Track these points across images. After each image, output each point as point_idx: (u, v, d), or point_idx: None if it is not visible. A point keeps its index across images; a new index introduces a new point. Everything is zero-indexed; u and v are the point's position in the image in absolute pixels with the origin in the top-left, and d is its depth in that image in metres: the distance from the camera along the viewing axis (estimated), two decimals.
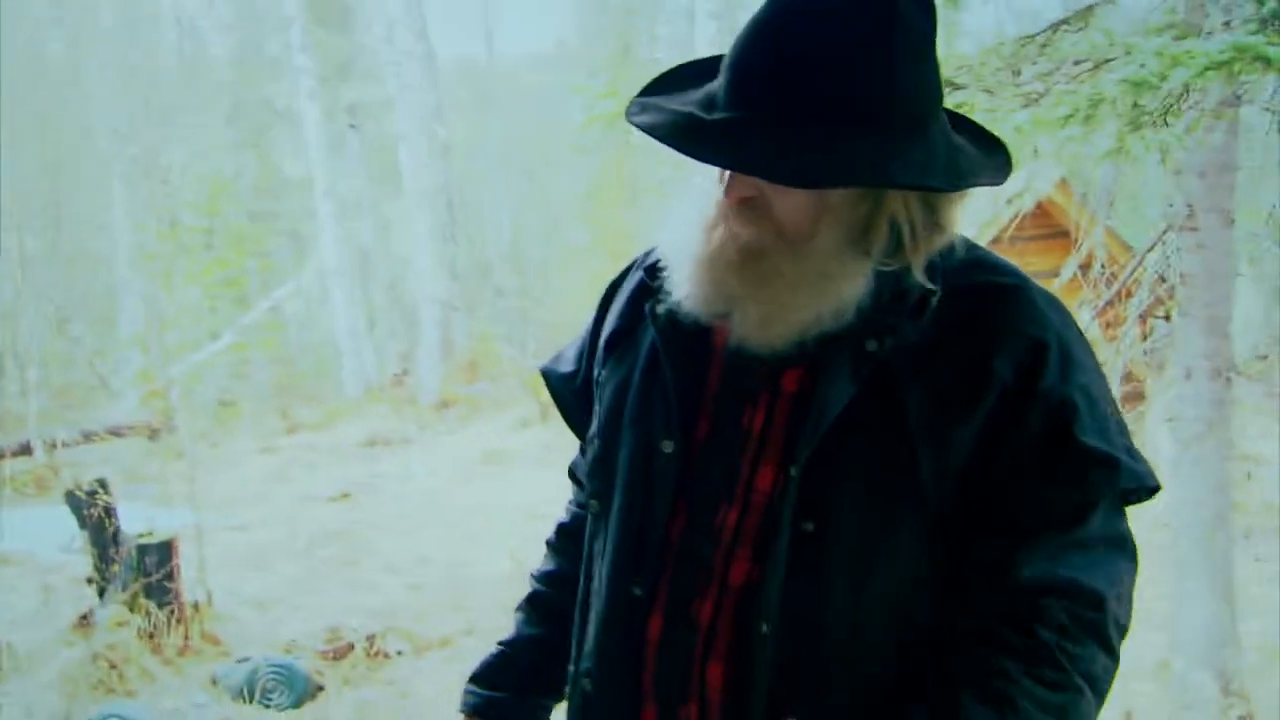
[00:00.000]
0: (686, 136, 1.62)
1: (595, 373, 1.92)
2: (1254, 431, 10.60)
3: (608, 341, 1.89)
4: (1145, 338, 7.90)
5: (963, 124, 1.74)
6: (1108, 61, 5.25)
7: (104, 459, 11.84)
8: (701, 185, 1.71)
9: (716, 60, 1.67)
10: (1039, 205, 10.43)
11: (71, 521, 8.54)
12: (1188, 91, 5.11)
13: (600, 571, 1.83)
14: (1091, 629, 1.65)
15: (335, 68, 18.00)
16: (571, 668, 1.90)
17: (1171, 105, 5.10)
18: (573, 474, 2.09)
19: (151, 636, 7.59)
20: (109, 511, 8.25)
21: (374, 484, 12.90)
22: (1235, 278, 6.16)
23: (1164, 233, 6.54)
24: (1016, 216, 9.09)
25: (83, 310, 18.97)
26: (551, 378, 2.04)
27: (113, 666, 7.30)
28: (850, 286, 1.63)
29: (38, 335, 17.18)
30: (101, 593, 8.02)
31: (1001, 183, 1.71)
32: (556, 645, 1.97)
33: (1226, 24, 5.29)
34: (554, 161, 20.73)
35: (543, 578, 2.10)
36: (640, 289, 1.86)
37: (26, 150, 18.15)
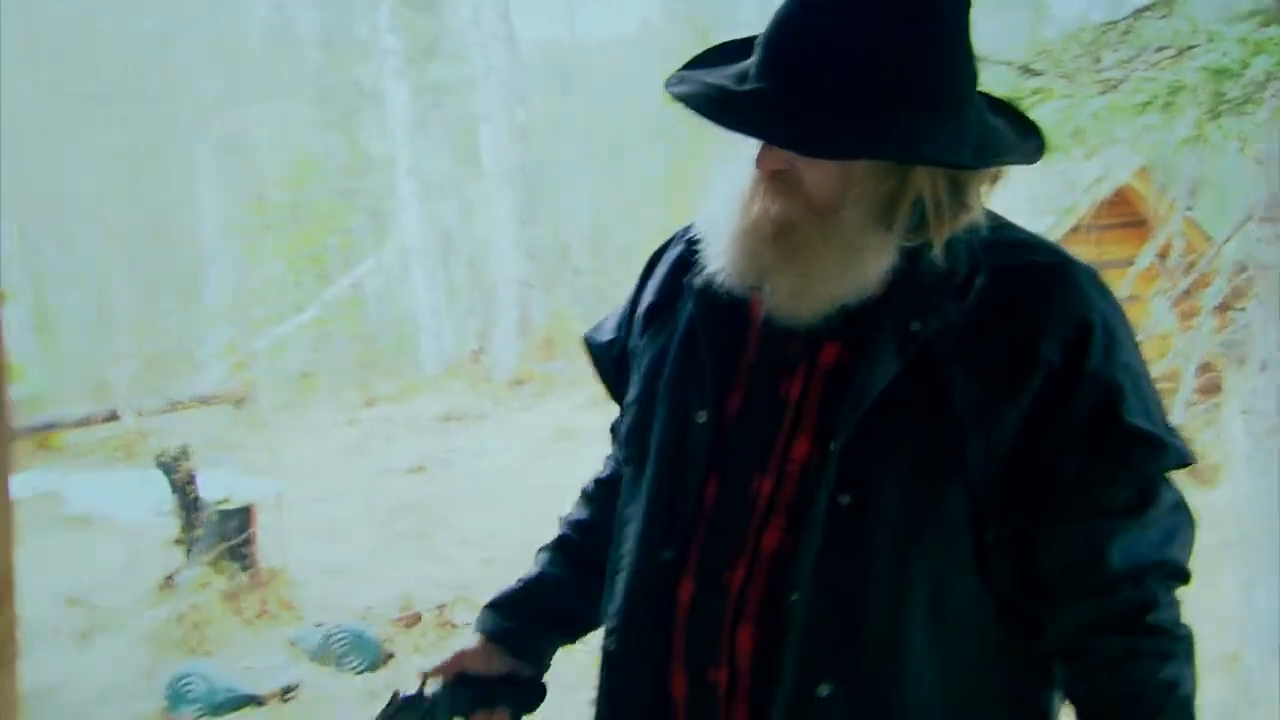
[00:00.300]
0: (717, 106, 1.64)
1: (632, 342, 1.94)
2: None
3: (647, 312, 1.91)
4: (1223, 329, 7.80)
5: (1001, 108, 1.75)
6: (1190, 48, 5.19)
7: (189, 427, 12.04)
8: (740, 163, 1.72)
9: (755, 39, 1.69)
10: (1118, 193, 10.28)
11: (159, 486, 8.72)
12: (1270, 79, 5.01)
13: (631, 535, 1.85)
14: (1176, 589, 1.70)
15: (422, 49, 18.14)
16: (606, 631, 1.91)
17: (1253, 93, 5.00)
18: (614, 430, 2.10)
19: (232, 599, 7.74)
20: (191, 478, 8.43)
21: (449, 458, 12.99)
22: None
23: (1243, 223, 6.44)
24: (1095, 204, 9.01)
25: (170, 282, 19.24)
26: (592, 345, 2.06)
27: (195, 626, 7.45)
28: (875, 261, 1.65)
29: (126, 306, 17.47)
30: (186, 556, 8.20)
31: (1031, 163, 1.72)
32: (577, 588, 2.03)
33: None
34: (634, 143, 20.76)
35: (573, 525, 2.13)
36: (680, 262, 1.88)
37: (118, 126, 18.45)
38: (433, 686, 2.00)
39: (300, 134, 19.59)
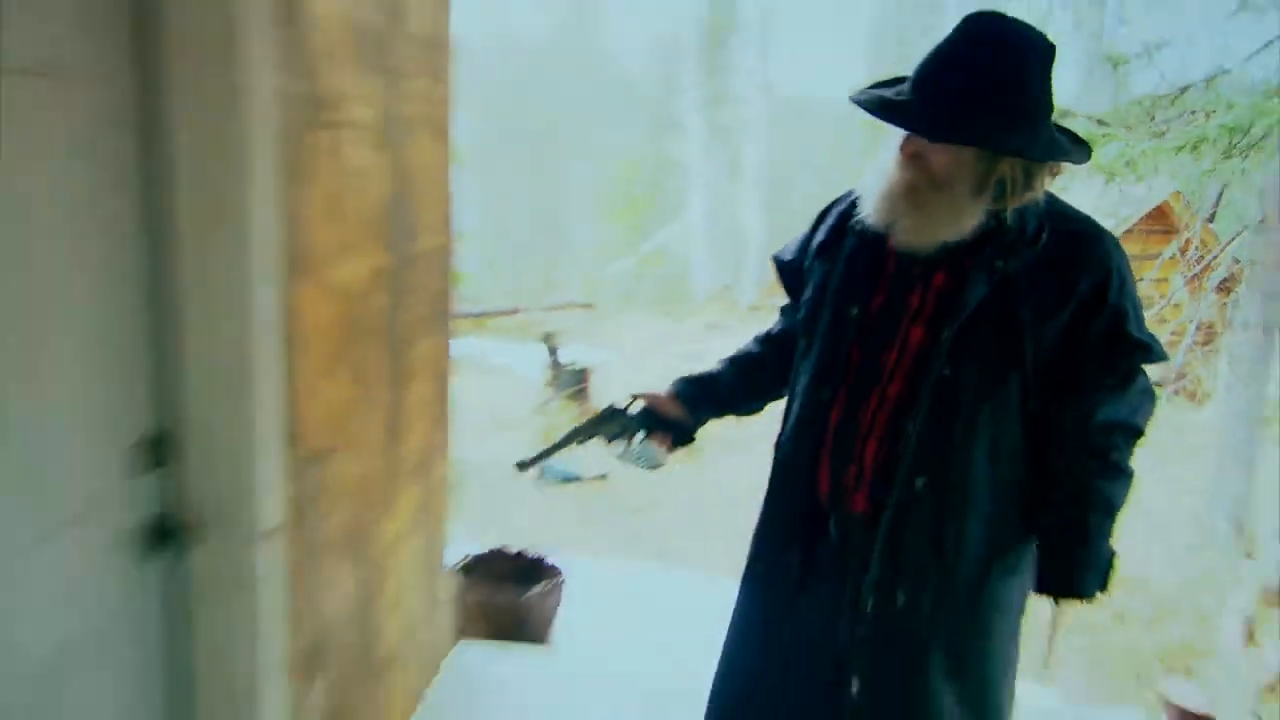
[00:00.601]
0: (881, 110, 1.64)
1: (807, 263, 1.92)
2: None
3: (819, 246, 1.89)
4: (1222, 301, 7.44)
5: (1066, 131, 1.71)
6: (1213, 112, 5.01)
7: (559, 321, 12.41)
8: (886, 151, 1.71)
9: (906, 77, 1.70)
10: (1158, 208, 9.71)
11: (540, 352, 9.10)
12: (1266, 135, 4.80)
13: (802, 381, 1.85)
14: (1133, 445, 1.74)
15: (712, 95, 17.98)
16: (777, 441, 1.92)
17: (1255, 143, 4.82)
18: (782, 310, 2.08)
19: (575, 419, 8.03)
20: (558, 349, 8.77)
21: (709, 352, 12.99)
22: None
23: (1241, 232, 6.14)
24: (1142, 215, 8.56)
25: (551, 233, 19.69)
26: (778, 261, 2.01)
27: (554, 431, 7.78)
28: (970, 218, 1.64)
29: (526, 246, 18.06)
30: (553, 390, 8.58)
31: (1080, 163, 1.69)
32: (735, 387, 2.04)
33: None
34: (845, 160, 20.16)
35: (744, 352, 2.08)
36: (844, 214, 1.86)
37: (527, 141, 18.90)
38: (634, 409, 2.04)
39: (633, 148, 19.72)
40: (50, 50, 1.42)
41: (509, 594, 3.77)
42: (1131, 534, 1.83)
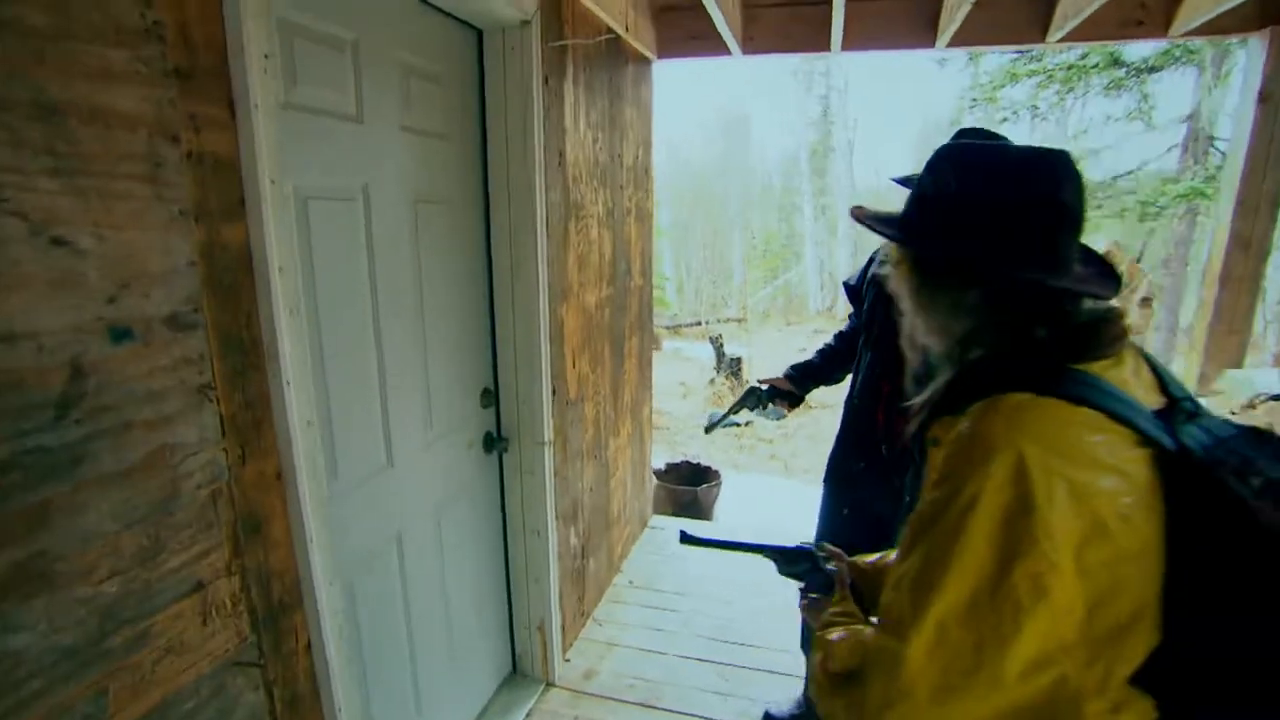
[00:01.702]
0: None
1: (863, 287, 1.82)
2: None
3: (873, 276, 1.78)
4: (1144, 309, 6.71)
5: None
6: (1133, 192, 4.67)
7: (721, 329, 12.27)
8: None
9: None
10: (1104, 252, 8.59)
11: (710, 348, 9.02)
12: (1166, 207, 4.39)
13: (864, 365, 1.76)
14: None
15: (817, 189, 17.21)
16: (847, 396, 1.81)
17: (1158, 212, 4.44)
18: (850, 316, 1.94)
19: (728, 391, 7.91)
20: (722, 346, 8.63)
21: (816, 347, 12.32)
22: (1186, 289, 5.16)
23: (1157, 266, 5.52)
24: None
25: (720, 274, 19.38)
26: (846, 285, 1.88)
27: (717, 396, 7.63)
28: None
29: (704, 283, 17.92)
30: (717, 372, 8.49)
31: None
32: (827, 368, 1.93)
33: (1193, 175, 4.50)
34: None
35: (828, 345, 1.96)
36: (878, 264, 1.78)
37: (705, 222, 18.69)
38: (762, 387, 1.95)
39: (768, 222, 19.16)
40: (448, 190, 1.67)
41: (688, 488, 3.81)
42: None
